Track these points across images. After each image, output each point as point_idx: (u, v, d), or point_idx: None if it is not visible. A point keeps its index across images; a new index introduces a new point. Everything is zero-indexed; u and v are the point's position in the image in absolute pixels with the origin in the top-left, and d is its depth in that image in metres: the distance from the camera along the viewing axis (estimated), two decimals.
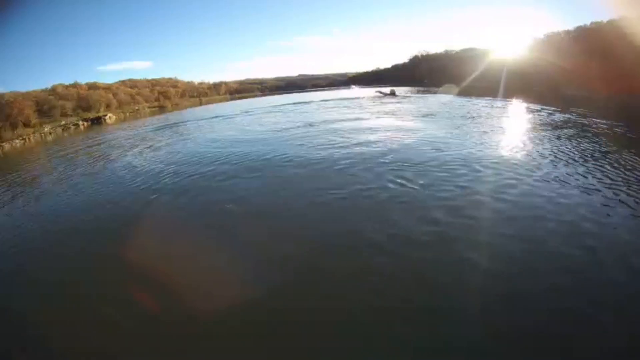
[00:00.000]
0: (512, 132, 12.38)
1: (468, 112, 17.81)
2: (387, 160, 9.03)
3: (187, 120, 31.05)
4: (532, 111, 16.91)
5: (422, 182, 7.22)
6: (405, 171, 8.00)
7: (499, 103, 21.31)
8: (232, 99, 70.40)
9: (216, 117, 30.44)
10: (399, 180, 7.45)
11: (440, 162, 8.48)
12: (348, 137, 12.83)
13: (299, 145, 12.37)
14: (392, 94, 33.45)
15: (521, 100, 21.23)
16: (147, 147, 16.84)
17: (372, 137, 12.37)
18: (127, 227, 6.57)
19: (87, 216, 7.69)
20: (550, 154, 8.71)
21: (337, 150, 10.78)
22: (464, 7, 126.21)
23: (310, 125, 17.51)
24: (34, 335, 3.99)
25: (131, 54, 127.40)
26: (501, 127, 13.40)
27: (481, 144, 10.32)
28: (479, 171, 7.62)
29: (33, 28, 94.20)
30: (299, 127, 17.33)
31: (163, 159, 13.08)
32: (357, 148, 10.80)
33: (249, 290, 4.13)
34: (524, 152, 9.06)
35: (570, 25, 31.63)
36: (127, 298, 4.29)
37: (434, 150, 9.77)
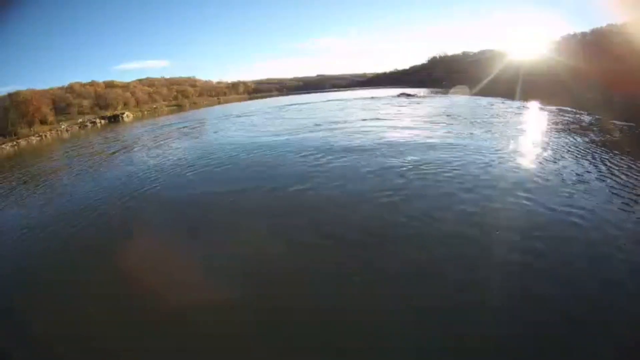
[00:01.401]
0: (529, 133, 12.12)
1: (486, 114, 17.47)
2: (401, 159, 8.80)
3: (204, 119, 30.79)
4: (547, 112, 16.69)
5: (431, 181, 7.07)
6: (415, 170, 7.82)
7: (515, 104, 21.10)
8: (250, 99, 69.90)
9: (233, 115, 30.24)
10: (406, 177, 7.36)
11: (455, 161, 8.25)
12: (367, 134, 12.90)
13: (313, 140, 12.51)
14: (412, 95, 34.20)
15: (537, 102, 20.89)
16: (161, 145, 16.84)
17: (390, 136, 12.31)
18: (127, 224, 6.68)
19: (91, 212, 7.56)
20: (568, 156, 8.38)
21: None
22: (482, 9, 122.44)
23: (321, 124, 17.40)
24: (32, 335, 3.90)
25: (148, 53, 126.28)
26: (519, 128, 13.04)
27: (500, 146, 9.76)
28: (499, 172, 7.37)
29: (50, 27, 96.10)
30: (310, 126, 17.14)
31: (175, 155, 13.04)
32: (377, 145, 10.64)
33: (250, 286, 4.20)
34: (543, 154, 8.66)
35: (587, 28, 31.92)
36: (129, 295, 4.29)
37: (445, 150, 9.52)
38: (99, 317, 3.94)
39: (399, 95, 34.26)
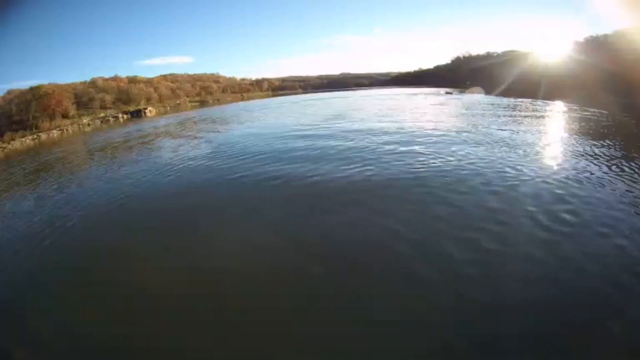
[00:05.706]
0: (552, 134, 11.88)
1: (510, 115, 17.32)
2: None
3: (227, 114, 31.20)
4: (571, 113, 16.91)
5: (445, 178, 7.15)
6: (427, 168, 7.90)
7: (538, 104, 21.39)
8: (274, 96, 68.64)
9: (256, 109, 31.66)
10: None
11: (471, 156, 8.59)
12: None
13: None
14: (449, 93, 36.80)
15: (560, 102, 21.23)
16: (182, 139, 17.40)
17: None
18: (139, 217, 6.81)
19: (101, 208, 7.67)
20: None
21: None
22: (507, 10, 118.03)
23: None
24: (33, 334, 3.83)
25: (172, 49, 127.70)
26: (543, 127, 13.27)
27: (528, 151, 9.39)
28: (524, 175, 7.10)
29: (75, 22, 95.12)
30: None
31: (197, 148, 13.61)
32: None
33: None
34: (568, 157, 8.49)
35: (609, 30, 30.10)
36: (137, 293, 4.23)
37: (456, 146, 9.91)
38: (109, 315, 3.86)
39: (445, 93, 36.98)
